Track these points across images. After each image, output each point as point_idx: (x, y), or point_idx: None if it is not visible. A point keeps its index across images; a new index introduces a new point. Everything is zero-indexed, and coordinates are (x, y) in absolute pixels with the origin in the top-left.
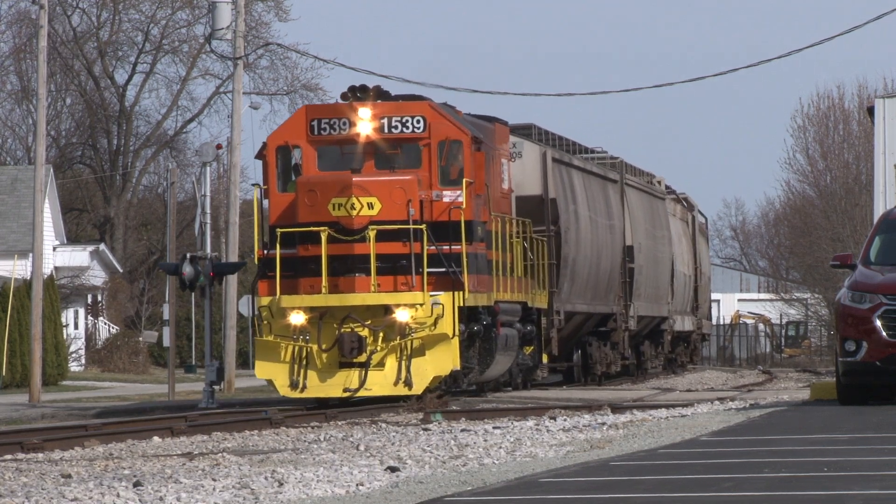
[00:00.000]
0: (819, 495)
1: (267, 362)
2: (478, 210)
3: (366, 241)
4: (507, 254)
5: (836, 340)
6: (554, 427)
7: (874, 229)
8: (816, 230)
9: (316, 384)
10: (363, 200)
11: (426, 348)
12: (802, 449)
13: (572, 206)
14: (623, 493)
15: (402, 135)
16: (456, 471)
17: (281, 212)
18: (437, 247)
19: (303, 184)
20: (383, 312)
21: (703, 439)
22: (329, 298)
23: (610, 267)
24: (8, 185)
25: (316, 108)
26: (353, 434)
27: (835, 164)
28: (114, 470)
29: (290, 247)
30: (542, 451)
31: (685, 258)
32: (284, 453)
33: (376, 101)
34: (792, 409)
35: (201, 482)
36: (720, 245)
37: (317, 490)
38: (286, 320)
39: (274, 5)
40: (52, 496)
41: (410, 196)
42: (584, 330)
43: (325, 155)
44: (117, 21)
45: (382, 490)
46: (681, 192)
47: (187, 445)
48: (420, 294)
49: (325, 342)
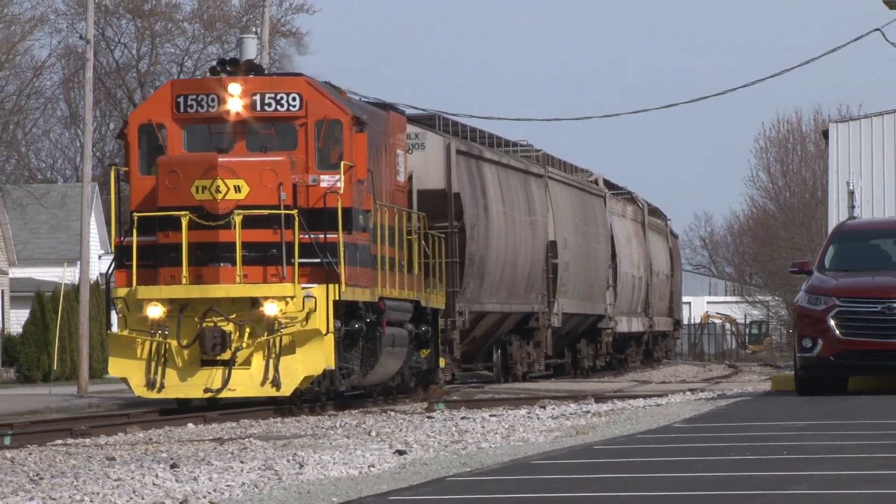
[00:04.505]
0: (780, 475)
1: (121, 359)
2: (359, 197)
3: (231, 228)
4: (397, 248)
5: (794, 338)
6: (544, 415)
7: (828, 239)
8: (777, 240)
9: (175, 384)
10: (229, 183)
11: (297, 345)
12: (765, 434)
13: (482, 201)
14: (605, 473)
15: (275, 113)
16: (457, 454)
17: (143, 196)
18: (312, 235)
19: (164, 164)
20: (250, 306)
21: (677, 426)
22: (190, 290)
23: (530, 264)
24: (58, 200)
25: (182, 84)
26: (366, 421)
27: (793, 181)
28: (153, 453)
29: (150, 234)
30: (533, 437)
31: (634, 259)
32: (304, 438)
33: (248, 75)
34: (755, 399)
35: (231, 464)
36: (691, 253)
37: (333, 471)
38: (143, 313)
39: (295, 41)
40: (97, 477)
41: (282, 179)
42: (503, 329)
43: (192, 134)
44: (155, 54)
45: (391, 471)
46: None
47: (218, 431)
48: (290, 286)
49: (185, 337)
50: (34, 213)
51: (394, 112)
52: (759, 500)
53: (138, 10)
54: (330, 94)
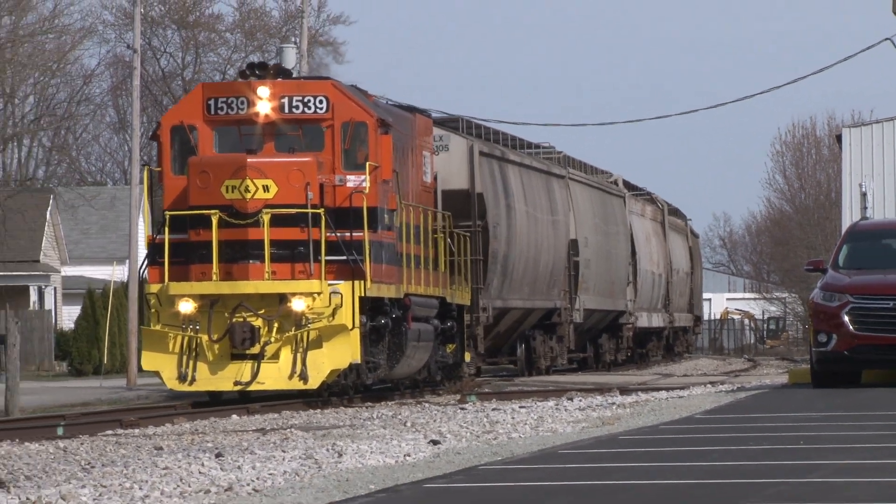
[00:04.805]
0: (797, 464)
1: (154, 353)
2: (384, 196)
3: (260, 226)
4: (423, 246)
5: (810, 333)
6: (571, 406)
7: (842, 239)
8: (792, 239)
9: (206, 377)
10: (258, 183)
11: (323, 340)
12: (782, 425)
13: (504, 201)
14: (629, 462)
15: (303, 115)
16: (488, 444)
17: (175, 196)
18: (339, 234)
19: (195, 165)
20: (278, 302)
21: (698, 417)
22: (220, 286)
23: (552, 261)
24: (108, 202)
25: (213, 87)
26: (401, 412)
27: (808, 183)
28: (199, 443)
29: (182, 232)
30: (561, 427)
31: (654, 257)
32: (343, 429)
33: (276, 78)
34: (773, 392)
35: (273, 453)
36: (711, 252)
37: (371, 460)
38: (175, 308)
39: (332, 49)
40: (146, 465)
41: (309, 179)
42: (527, 324)
43: (222, 136)
44: (198, 63)
45: (426, 460)
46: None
47: (261, 422)
48: (317, 283)
49: (215, 332)
50: (85, 214)
51: (420, 115)
52: (777, 487)
53: (183, 21)
54: (356, 97)
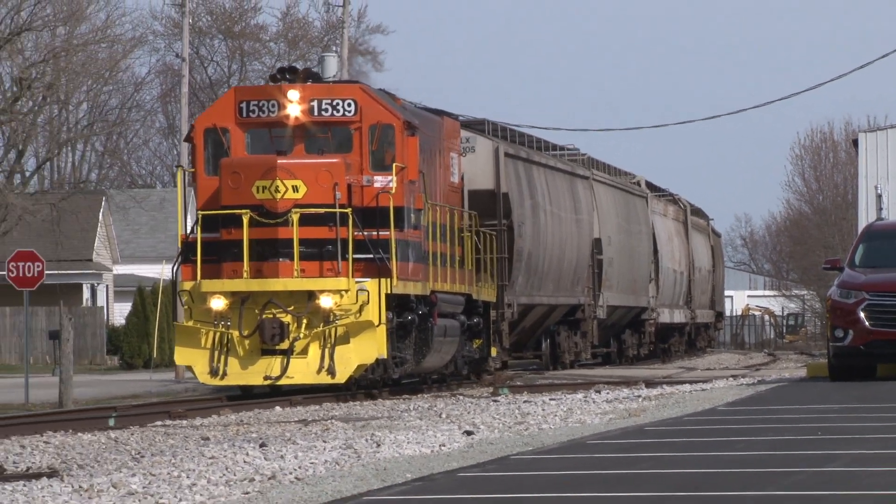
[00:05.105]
0: (814, 454)
1: (186, 348)
2: (410, 196)
3: (289, 225)
4: (448, 244)
5: (827, 329)
6: (599, 399)
7: (858, 238)
8: (811, 239)
9: (237, 371)
10: (288, 183)
11: (351, 336)
12: (800, 417)
13: (529, 201)
14: (654, 452)
15: (332, 118)
16: (520, 434)
17: (208, 196)
18: (366, 232)
19: (226, 166)
20: (307, 298)
21: (720, 409)
22: (250, 283)
23: (576, 259)
24: (157, 204)
25: (245, 90)
26: (437, 405)
27: (826, 185)
28: (244, 434)
29: (214, 231)
30: (589, 419)
31: (676, 255)
32: (381, 420)
33: (306, 82)
34: (792, 385)
35: (314, 443)
36: (732, 251)
37: (407, 450)
38: (207, 305)
39: (371, 58)
40: (193, 455)
41: (337, 180)
42: (552, 320)
43: (254, 138)
44: (244, 71)
45: (460, 450)
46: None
47: (303, 414)
48: (345, 280)
49: (246, 328)
50: (136, 215)
51: (448, 118)
52: (795, 476)
53: (229, 31)
54: (384, 100)
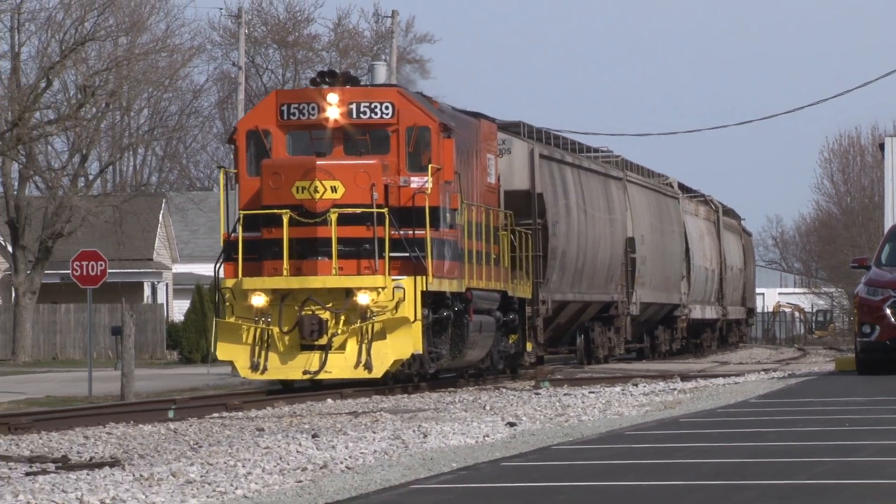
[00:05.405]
0: (842, 444)
1: (228, 344)
2: (445, 196)
3: (328, 225)
4: (484, 243)
5: (855, 324)
6: (636, 392)
7: (885, 238)
8: (839, 239)
9: (277, 366)
10: (326, 184)
11: (387, 332)
12: (829, 409)
13: (563, 201)
14: (689, 443)
15: (370, 120)
16: (560, 426)
17: (250, 196)
18: (402, 232)
19: (267, 167)
20: (345, 296)
21: (752, 401)
22: (290, 281)
23: (609, 257)
24: (215, 205)
25: (286, 94)
26: (481, 397)
27: (853, 187)
28: (297, 425)
29: (255, 230)
30: (626, 411)
31: (707, 253)
32: (428, 412)
33: (345, 86)
34: (821, 378)
35: (364, 434)
36: (764, 251)
37: (453, 441)
38: (248, 302)
39: (418, 66)
40: (249, 445)
41: (374, 180)
42: (586, 316)
43: (294, 140)
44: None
45: (503, 441)
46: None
47: (353, 406)
48: (382, 278)
49: (286, 324)
50: (194, 216)
51: (485, 120)
52: (823, 466)
53: (283, 41)
54: (420, 103)
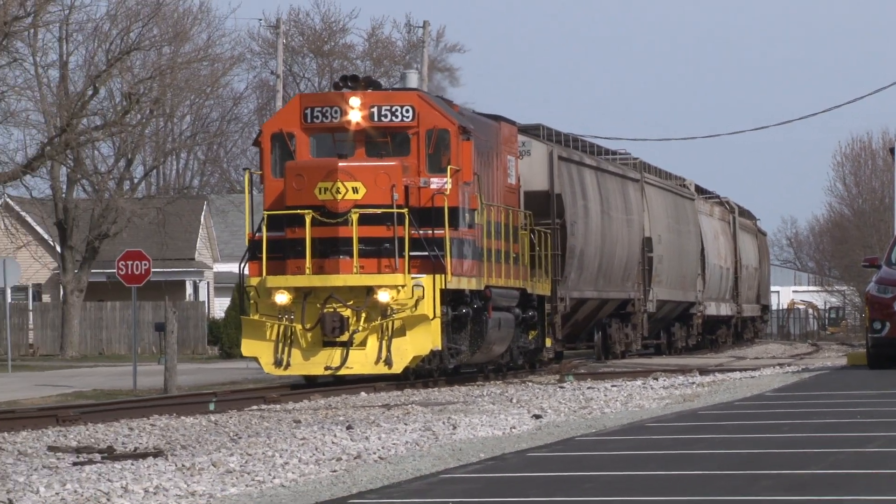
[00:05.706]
0: (854, 436)
1: (253, 340)
2: (465, 197)
3: (349, 225)
4: (503, 242)
5: (866, 321)
6: (656, 385)
7: (895, 239)
8: (851, 239)
9: (300, 362)
10: (348, 185)
11: (407, 329)
12: (841, 402)
13: (581, 201)
14: (708, 434)
15: (391, 123)
16: (584, 418)
17: (274, 197)
18: (422, 231)
19: (291, 168)
20: (366, 293)
21: (768, 394)
22: (312, 279)
23: (626, 256)
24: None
25: (309, 97)
26: (508, 390)
27: (865, 190)
28: (332, 417)
29: (279, 230)
30: (647, 403)
31: (722, 253)
32: (457, 405)
33: (367, 90)
34: (834, 372)
35: (396, 426)
36: (778, 250)
37: (481, 432)
38: (271, 300)
39: (448, 75)
40: (286, 436)
41: (395, 182)
42: (603, 313)
43: (318, 142)
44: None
45: (529, 432)
46: (747, 207)
47: (385, 399)
48: (402, 276)
49: (308, 322)
50: (234, 218)
51: (505, 123)
52: (836, 456)
53: (319, 50)
54: (440, 106)
